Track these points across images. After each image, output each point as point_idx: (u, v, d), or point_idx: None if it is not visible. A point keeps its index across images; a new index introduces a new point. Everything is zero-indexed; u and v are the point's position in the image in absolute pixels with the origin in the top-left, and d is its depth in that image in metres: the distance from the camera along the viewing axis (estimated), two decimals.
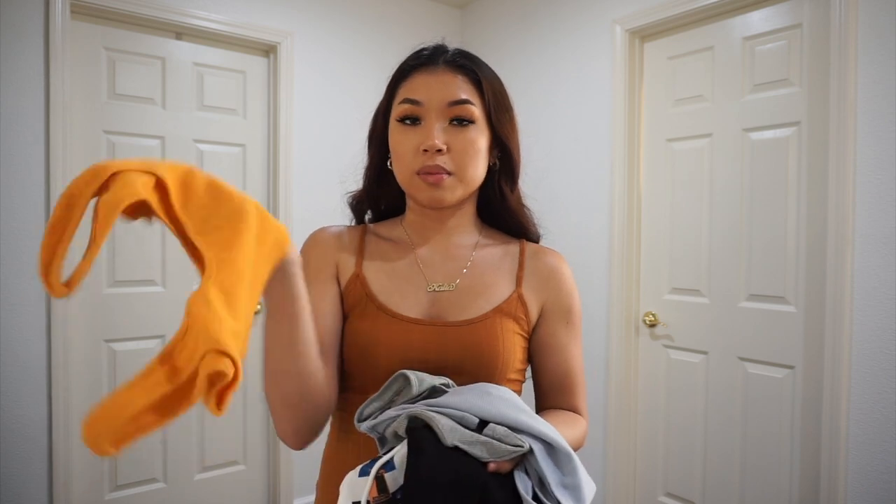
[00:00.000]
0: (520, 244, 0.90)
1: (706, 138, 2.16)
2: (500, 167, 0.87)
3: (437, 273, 0.85)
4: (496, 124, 0.83)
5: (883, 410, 1.67)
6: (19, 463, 2.04)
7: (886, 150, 1.66)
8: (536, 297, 0.85)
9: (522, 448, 0.61)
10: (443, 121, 0.79)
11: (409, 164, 0.79)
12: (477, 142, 0.80)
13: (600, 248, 2.44)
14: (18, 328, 2.03)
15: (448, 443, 0.60)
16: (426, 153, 0.77)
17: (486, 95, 0.81)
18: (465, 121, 0.79)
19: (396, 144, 0.80)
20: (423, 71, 0.81)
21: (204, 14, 2.38)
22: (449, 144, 0.78)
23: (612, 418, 2.38)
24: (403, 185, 0.82)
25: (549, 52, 2.66)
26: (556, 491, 0.61)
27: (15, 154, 2.02)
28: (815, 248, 1.87)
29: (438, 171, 0.78)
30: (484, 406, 0.65)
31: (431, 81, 0.79)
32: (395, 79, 0.83)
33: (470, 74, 0.81)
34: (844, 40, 1.72)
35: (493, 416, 0.64)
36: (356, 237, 0.88)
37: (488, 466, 0.60)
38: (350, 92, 2.77)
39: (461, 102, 0.79)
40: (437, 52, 0.82)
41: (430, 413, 0.62)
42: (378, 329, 0.79)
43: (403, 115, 0.80)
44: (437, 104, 0.78)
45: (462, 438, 0.61)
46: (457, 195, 0.81)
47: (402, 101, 0.80)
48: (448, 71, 0.80)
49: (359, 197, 0.92)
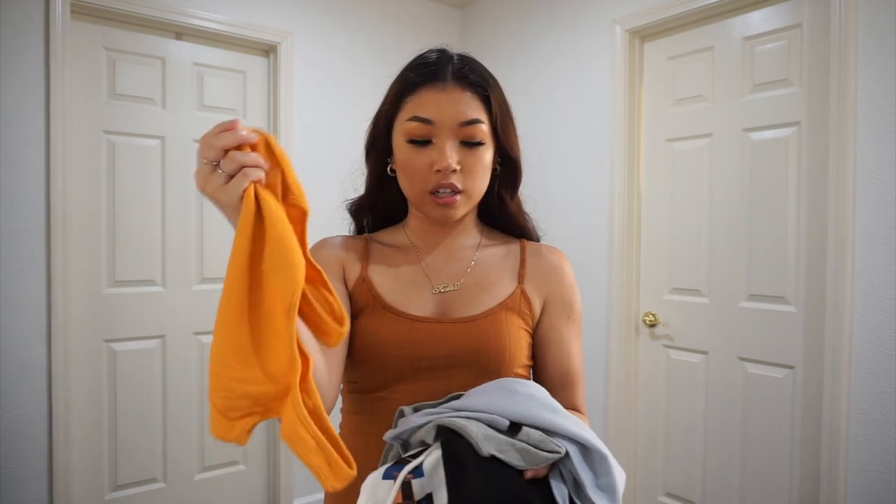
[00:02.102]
0: (520, 243, 0.91)
1: (706, 138, 2.16)
2: (501, 174, 0.87)
3: (442, 275, 0.86)
4: (502, 138, 0.84)
5: (883, 410, 1.67)
6: (19, 463, 2.04)
7: (886, 150, 1.66)
8: (539, 292, 0.86)
9: (559, 453, 0.60)
10: (454, 139, 0.79)
11: (421, 183, 0.79)
12: (485, 159, 0.81)
13: (600, 248, 2.44)
14: (18, 328, 2.03)
15: (484, 452, 0.58)
16: (439, 173, 0.78)
17: (493, 111, 0.82)
18: (475, 142, 0.80)
19: (407, 162, 0.80)
20: (431, 87, 0.80)
21: (204, 14, 2.38)
22: (461, 163, 0.79)
23: (612, 418, 2.38)
24: (414, 202, 0.84)
25: (549, 52, 2.66)
26: (591, 494, 0.60)
27: (15, 154, 2.02)
28: (815, 248, 1.87)
29: (451, 192, 0.79)
30: (513, 407, 0.63)
31: (442, 99, 0.79)
32: (400, 90, 0.82)
33: (479, 91, 0.81)
34: (844, 40, 1.72)
35: (525, 417, 0.62)
36: (360, 245, 0.89)
37: (525, 474, 0.59)
38: (350, 92, 2.77)
39: (472, 122, 0.79)
40: (443, 63, 0.81)
41: (461, 421, 0.60)
42: (385, 328, 0.80)
43: (414, 133, 0.79)
44: (448, 123, 0.78)
45: (497, 447, 0.59)
46: (464, 210, 0.83)
47: (412, 118, 0.79)
48: (457, 88, 0.80)
49: (359, 203, 0.92)
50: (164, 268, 2.39)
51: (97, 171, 2.25)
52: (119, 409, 2.30)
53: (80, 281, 2.20)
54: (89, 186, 2.23)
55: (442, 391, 0.78)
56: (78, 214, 2.20)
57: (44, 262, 2.07)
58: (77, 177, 2.19)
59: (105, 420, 2.27)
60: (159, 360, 2.39)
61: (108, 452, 2.28)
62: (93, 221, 2.24)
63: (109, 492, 2.29)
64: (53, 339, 2.08)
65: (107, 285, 2.28)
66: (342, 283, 0.84)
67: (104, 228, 2.27)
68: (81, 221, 2.21)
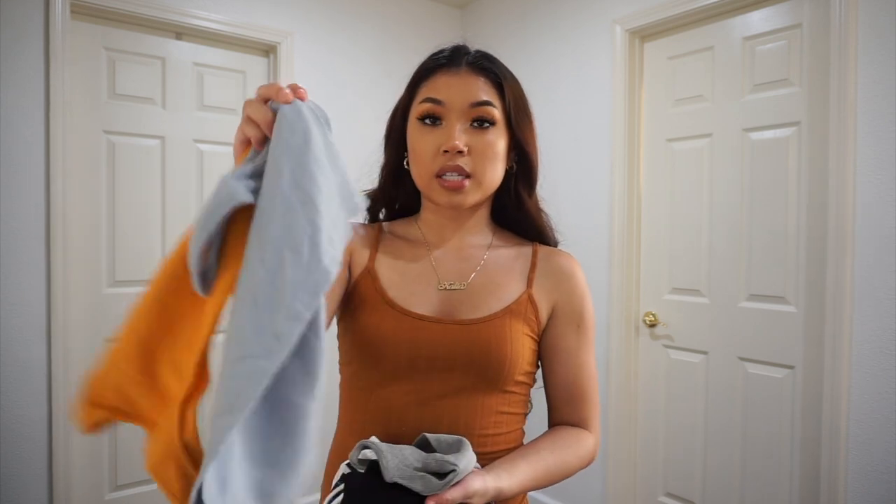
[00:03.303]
0: (533, 246, 0.90)
1: (706, 138, 2.16)
2: (517, 171, 0.86)
3: (450, 272, 0.84)
4: (515, 128, 0.83)
5: (883, 410, 1.67)
6: (19, 463, 2.04)
7: (886, 150, 1.66)
8: (547, 298, 0.85)
9: (456, 473, 0.63)
10: (464, 122, 0.79)
11: (428, 165, 0.79)
12: (496, 144, 0.80)
13: (600, 249, 2.44)
14: (18, 328, 2.03)
15: (388, 478, 0.62)
16: (446, 154, 0.77)
17: (507, 98, 0.81)
18: (485, 122, 0.79)
19: (416, 143, 0.80)
20: (445, 71, 0.80)
21: (204, 14, 2.38)
22: (469, 146, 0.78)
23: (613, 418, 2.38)
24: (421, 187, 0.82)
25: (549, 52, 2.66)
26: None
27: (15, 154, 2.02)
28: (815, 248, 1.87)
29: (458, 176, 0.78)
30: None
31: (454, 82, 0.79)
32: (416, 78, 0.83)
33: (492, 77, 0.81)
34: (844, 40, 1.72)
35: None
36: (372, 233, 0.88)
37: (426, 502, 0.62)
38: (350, 92, 2.77)
39: (483, 104, 0.79)
40: (459, 53, 0.82)
41: (382, 446, 0.64)
42: (386, 325, 0.79)
43: (424, 113, 0.79)
44: (458, 105, 0.78)
45: (403, 474, 0.62)
46: (475, 198, 0.81)
47: (424, 100, 0.80)
48: (470, 72, 0.80)
49: (374, 196, 0.91)
50: None
51: (97, 171, 2.25)
52: None
53: (80, 281, 2.20)
54: (89, 186, 2.23)
55: (438, 392, 0.77)
56: (78, 214, 2.20)
57: (44, 262, 2.07)
58: (77, 177, 2.19)
59: None
60: None
61: (108, 452, 2.28)
62: (93, 221, 2.24)
63: (109, 492, 2.29)
64: (53, 339, 2.08)
65: (107, 285, 2.28)
66: (346, 268, 0.83)
67: (104, 228, 2.27)
68: (81, 221, 2.21)
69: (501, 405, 0.81)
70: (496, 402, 0.80)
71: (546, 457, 0.78)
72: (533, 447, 0.80)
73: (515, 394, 0.82)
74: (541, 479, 0.77)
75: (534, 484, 0.76)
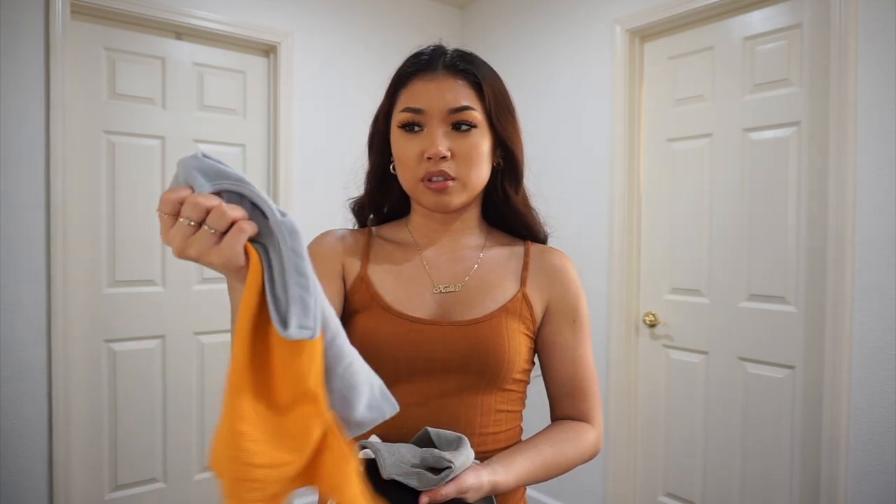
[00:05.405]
0: (525, 245, 0.90)
1: (706, 138, 2.16)
2: (503, 168, 0.87)
3: (444, 275, 0.85)
4: (498, 126, 0.82)
5: (883, 410, 1.67)
6: (19, 463, 2.04)
7: (886, 150, 1.66)
8: (541, 295, 0.85)
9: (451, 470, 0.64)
10: (445, 126, 0.79)
11: (413, 171, 0.79)
12: (479, 146, 0.80)
13: (600, 249, 2.44)
14: (18, 328, 2.03)
15: (386, 475, 0.63)
16: (430, 160, 0.78)
17: (486, 98, 0.81)
18: (466, 125, 0.79)
19: (400, 151, 0.81)
20: (422, 77, 0.80)
21: (204, 14, 2.38)
22: (452, 150, 0.79)
23: (613, 418, 2.38)
24: (409, 192, 0.83)
25: (550, 52, 2.66)
26: None
27: (15, 154, 2.02)
28: (815, 248, 1.87)
29: (443, 179, 0.78)
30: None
31: (431, 88, 0.79)
32: (394, 84, 0.83)
33: (470, 78, 0.81)
34: (844, 40, 1.72)
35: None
36: (362, 240, 0.88)
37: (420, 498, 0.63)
38: (350, 91, 2.77)
39: (461, 109, 0.79)
40: (436, 56, 0.82)
41: (380, 445, 0.65)
42: (384, 329, 0.79)
43: (405, 122, 0.80)
44: (438, 111, 0.78)
45: (400, 471, 0.64)
46: (461, 199, 0.81)
47: (404, 109, 0.80)
48: (448, 76, 0.80)
49: (361, 202, 0.92)
50: (164, 268, 2.39)
51: (97, 171, 2.25)
52: (119, 410, 2.30)
53: (79, 281, 2.20)
54: (89, 186, 2.23)
55: (438, 392, 0.78)
56: (78, 214, 2.20)
57: (44, 262, 2.07)
58: (77, 177, 2.19)
59: (105, 420, 2.27)
60: (159, 360, 2.39)
61: (108, 452, 2.28)
62: (93, 221, 2.24)
63: (109, 492, 2.29)
64: (53, 339, 2.08)
65: (107, 285, 2.28)
66: (340, 279, 0.84)
67: (104, 228, 2.27)
68: (81, 221, 2.21)
69: (500, 403, 0.82)
70: (495, 400, 0.81)
71: (544, 450, 0.79)
72: (531, 441, 0.81)
73: (513, 392, 0.83)
74: (539, 472, 0.77)
75: (532, 477, 0.76)
